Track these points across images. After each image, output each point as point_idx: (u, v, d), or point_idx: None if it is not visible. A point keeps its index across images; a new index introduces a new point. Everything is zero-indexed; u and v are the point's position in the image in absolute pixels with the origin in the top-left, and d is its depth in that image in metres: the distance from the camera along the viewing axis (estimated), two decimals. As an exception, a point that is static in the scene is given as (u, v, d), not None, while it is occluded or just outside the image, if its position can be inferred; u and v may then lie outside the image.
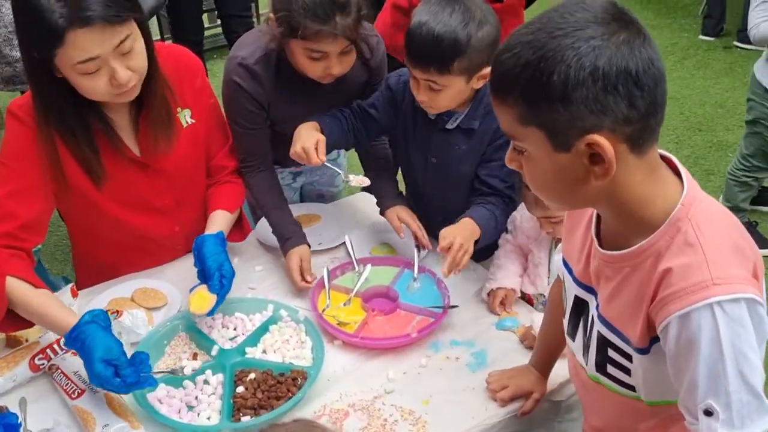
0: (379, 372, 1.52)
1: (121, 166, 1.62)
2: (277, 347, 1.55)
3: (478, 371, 1.51)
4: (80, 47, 1.34)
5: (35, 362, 1.50)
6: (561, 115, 0.87)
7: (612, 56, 0.85)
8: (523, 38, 0.89)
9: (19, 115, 1.52)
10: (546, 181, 0.96)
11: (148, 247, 1.79)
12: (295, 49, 1.66)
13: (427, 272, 1.76)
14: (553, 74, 0.85)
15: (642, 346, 1.00)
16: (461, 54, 1.53)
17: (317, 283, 1.72)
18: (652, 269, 0.96)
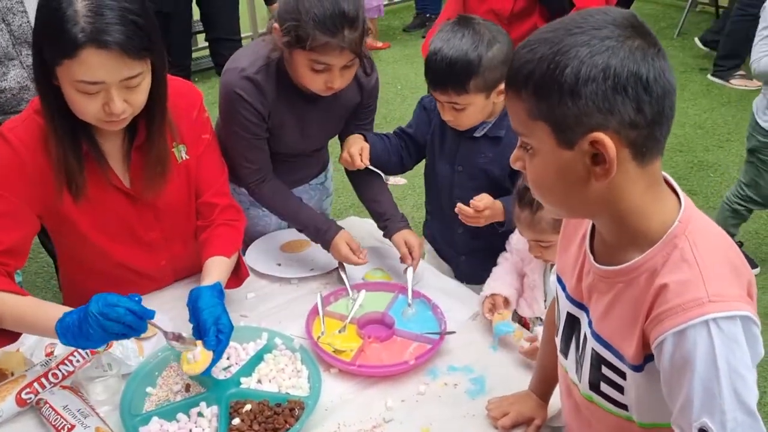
0: (377, 400, 1.49)
1: (106, 192, 1.58)
2: (272, 377, 1.52)
3: (478, 398, 1.49)
4: (89, 67, 1.33)
5: (22, 396, 1.45)
6: (569, 109, 0.88)
7: (625, 58, 0.87)
8: (542, 35, 0.91)
9: (8, 138, 1.49)
10: (547, 179, 0.97)
11: (132, 278, 1.75)
12: (298, 60, 1.68)
13: (422, 298, 1.75)
14: (567, 68, 0.87)
15: (636, 363, 0.99)
16: (475, 73, 1.67)
17: (311, 310, 1.70)
18: (647, 285, 0.96)
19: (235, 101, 1.76)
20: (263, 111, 1.79)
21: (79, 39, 1.30)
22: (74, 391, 1.48)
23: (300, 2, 1.61)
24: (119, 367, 1.52)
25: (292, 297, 1.83)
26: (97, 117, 1.41)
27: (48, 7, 1.34)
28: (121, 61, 1.34)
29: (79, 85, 1.36)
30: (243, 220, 1.79)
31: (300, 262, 1.95)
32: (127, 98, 1.40)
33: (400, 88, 5.01)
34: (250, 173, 1.86)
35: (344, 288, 1.79)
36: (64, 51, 1.32)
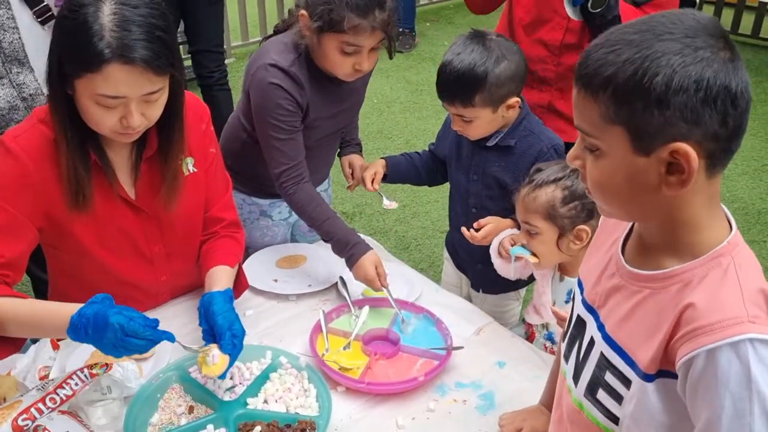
0: (387, 419, 1.47)
1: (111, 204, 1.54)
2: (279, 396, 1.48)
3: (488, 413, 1.48)
4: (112, 82, 1.31)
5: (18, 423, 1.38)
6: (654, 118, 0.86)
7: (718, 70, 0.85)
8: (626, 36, 0.88)
9: (11, 148, 1.44)
10: (614, 183, 0.94)
11: (131, 293, 1.70)
12: (328, 44, 1.73)
13: (425, 313, 1.73)
14: (657, 75, 0.84)
15: (649, 372, 0.97)
16: (481, 88, 1.72)
17: (313, 327, 1.67)
18: (678, 296, 0.94)
19: (274, 92, 1.79)
20: (302, 102, 1.82)
21: (105, 54, 1.28)
22: (73, 416, 1.42)
23: None
24: (120, 389, 1.46)
25: (291, 314, 1.80)
26: (112, 129, 1.39)
27: (72, 18, 1.31)
28: (145, 77, 1.32)
29: (99, 99, 1.33)
30: (243, 233, 1.80)
31: (297, 278, 1.92)
32: (144, 112, 1.39)
33: (377, 102, 5.01)
34: (288, 171, 1.84)
35: (345, 304, 1.76)
36: (87, 65, 1.30)
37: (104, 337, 1.29)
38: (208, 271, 1.65)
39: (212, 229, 1.74)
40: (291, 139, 1.83)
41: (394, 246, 3.47)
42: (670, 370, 0.94)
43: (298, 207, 1.86)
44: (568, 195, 1.53)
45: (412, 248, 3.50)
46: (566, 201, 1.53)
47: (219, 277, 1.61)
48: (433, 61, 5.85)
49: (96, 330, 1.30)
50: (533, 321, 1.72)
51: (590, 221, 1.55)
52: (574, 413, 1.13)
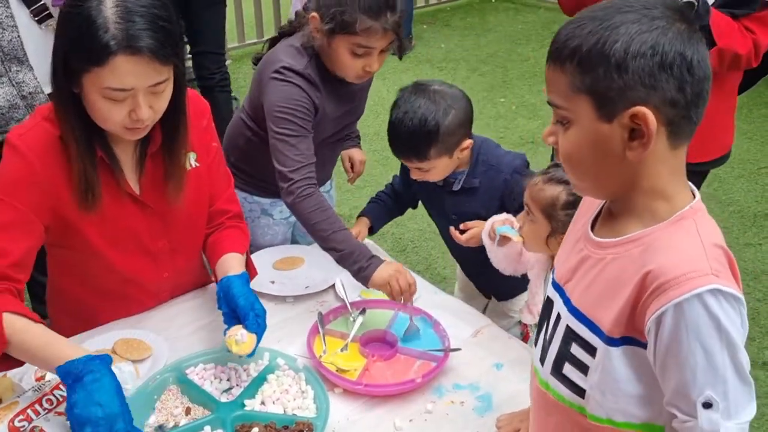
0: (385, 420, 1.47)
1: (118, 201, 1.54)
2: (276, 398, 1.48)
3: (486, 415, 1.48)
4: (120, 74, 1.31)
5: (15, 424, 1.38)
6: (614, 82, 0.91)
7: (673, 38, 0.90)
8: (592, 13, 0.94)
9: (17, 146, 1.43)
10: (581, 151, 0.98)
11: (133, 291, 1.71)
12: (339, 46, 1.75)
13: (423, 315, 1.73)
14: (616, 42, 0.90)
15: (613, 336, 0.98)
16: (434, 141, 1.76)
17: (311, 329, 1.67)
18: (639, 258, 0.96)
19: (292, 92, 1.80)
20: (318, 104, 1.84)
21: (111, 46, 1.28)
22: (70, 418, 1.41)
23: None
24: (117, 391, 1.46)
25: (288, 316, 1.79)
26: (121, 124, 1.39)
27: (74, 14, 1.32)
28: (152, 67, 1.33)
29: (107, 92, 1.33)
30: (246, 225, 1.83)
31: (294, 280, 1.92)
32: (152, 104, 1.39)
33: (373, 104, 4.97)
34: (301, 170, 1.77)
35: (343, 306, 1.76)
36: (94, 59, 1.30)
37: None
38: (218, 260, 1.66)
39: (217, 221, 1.75)
40: (306, 137, 1.82)
41: (391, 248, 3.47)
42: (637, 338, 0.96)
43: (306, 216, 1.76)
44: (571, 202, 1.53)
45: (408, 250, 3.50)
46: (566, 207, 1.53)
47: (231, 263, 1.63)
48: (430, 63, 5.86)
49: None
50: (527, 321, 1.73)
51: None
52: (540, 396, 1.14)
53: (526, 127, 4.67)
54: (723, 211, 3.71)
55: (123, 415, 1.26)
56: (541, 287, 1.71)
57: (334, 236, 1.73)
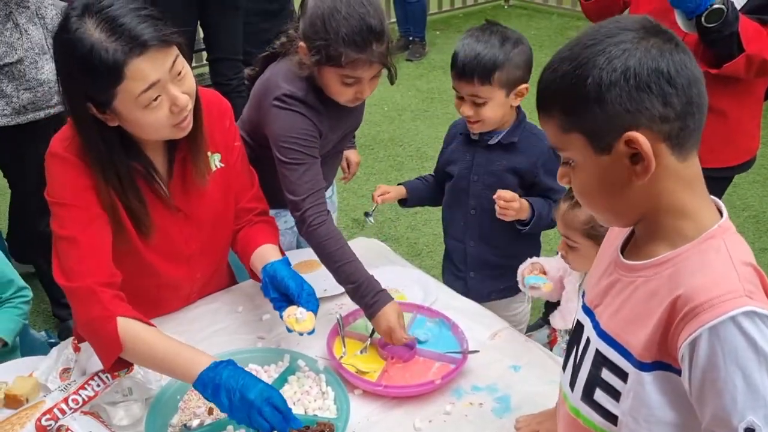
0: (405, 421, 1.48)
1: (161, 214, 1.58)
2: (297, 399, 1.50)
3: (504, 416, 1.49)
4: (141, 76, 1.33)
5: (42, 423, 1.41)
6: (598, 116, 0.92)
7: (641, 57, 0.90)
8: (561, 55, 0.96)
9: (66, 157, 1.46)
10: (591, 187, 0.99)
11: (166, 294, 1.74)
12: (328, 76, 1.74)
13: (441, 317, 1.75)
14: (588, 78, 0.91)
15: (644, 360, 0.96)
16: (500, 67, 1.80)
17: (330, 331, 1.69)
18: (669, 281, 0.94)
19: (299, 123, 1.77)
20: (322, 129, 1.83)
21: (119, 58, 1.31)
22: (96, 417, 1.45)
23: (327, 22, 1.65)
24: (141, 391, 1.49)
25: (308, 318, 1.81)
26: (168, 124, 1.41)
27: (69, 56, 1.34)
28: (161, 52, 1.35)
29: (141, 99, 1.35)
30: (273, 219, 1.85)
31: (313, 283, 1.91)
32: (182, 89, 1.41)
33: (387, 110, 5.03)
34: (312, 197, 1.75)
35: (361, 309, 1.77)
36: (114, 80, 1.32)
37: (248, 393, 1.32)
38: (253, 252, 1.68)
39: (245, 218, 1.76)
40: (314, 164, 1.80)
41: (406, 253, 3.48)
42: (669, 363, 0.94)
43: (319, 241, 1.74)
44: None
45: (423, 255, 3.51)
46: None
47: (269, 253, 1.67)
48: (443, 69, 5.87)
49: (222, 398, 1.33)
50: (558, 326, 1.74)
51: None
52: (569, 423, 1.12)
53: (539, 132, 4.68)
54: (738, 216, 3.70)
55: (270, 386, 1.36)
56: (576, 294, 1.71)
57: (343, 268, 1.71)
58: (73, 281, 1.43)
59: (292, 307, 1.54)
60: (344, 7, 1.66)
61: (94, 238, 1.46)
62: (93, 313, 1.42)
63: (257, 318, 1.81)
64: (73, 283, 1.43)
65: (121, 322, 1.40)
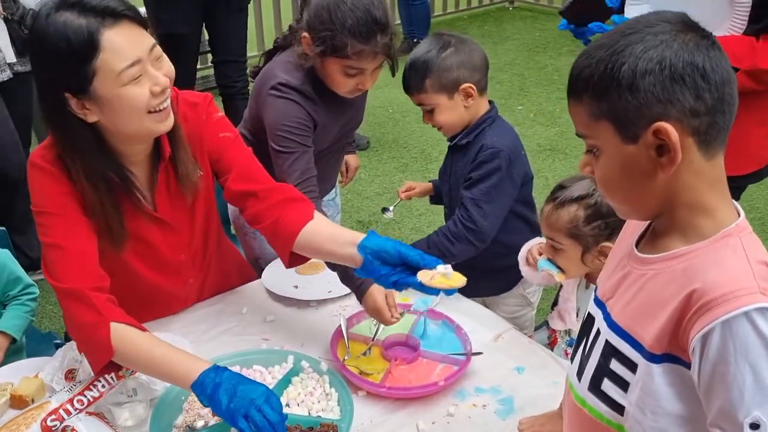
0: (408, 423, 1.48)
1: (138, 220, 1.57)
2: (301, 400, 1.51)
3: (508, 418, 1.49)
4: (119, 48, 1.33)
5: (47, 423, 1.42)
6: (629, 103, 0.92)
7: (678, 49, 0.90)
8: (599, 42, 0.96)
9: (43, 166, 1.46)
10: (614, 176, 0.99)
11: (161, 297, 1.75)
12: (331, 66, 1.78)
13: (444, 319, 1.75)
14: (624, 65, 0.91)
15: (654, 352, 0.97)
16: (429, 73, 1.86)
17: (334, 332, 1.69)
18: (683, 274, 0.95)
19: (292, 111, 1.83)
20: (317, 119, 1.87)
21: (93, 28, 1.31)
22: (101, 418, 1.45)
23: (333, 13, 1.71)
24: (145, 392, 1.50)
25: (312, 319, 1.82)
26: (149, 107, 1.38)
27: (43, 42, 1.33)
28: (137, 31, 1.36)
29: (123, 76, 1.34)
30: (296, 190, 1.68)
31: (317, 284, 1.94)
32: (161, 71, 1.40)
33: (392, 112, 5.04)
34: (300, 186, 1.79)
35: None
36: (90, 53, 1.31)
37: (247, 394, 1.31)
38: (298, 235, 1.53)
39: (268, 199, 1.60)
40: (305, 153, 1.85)
41: (411, 254, 3.49)
42: (679, 356, 0.95)
43: None
44: (592, 214, 1.54)
45: (427, 257, 3.51)
46: (590, 220, 1.54)
47: (333, 230, 1.56)
48: (448, 71, 5.88)
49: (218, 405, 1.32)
50: (557, 326, 1.74)
51: (613, 238, 1.56)
52: (575, 413, 1.13)
53: (544, 134, 4.68)
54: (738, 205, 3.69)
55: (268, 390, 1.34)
56: (573, 294, 1.72)
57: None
58: (62, 282, 1.44)
59: (425, 272, 1.38)
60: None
61: (78, 244, 1.46)
62: (86, 318, 1.41)
63: (262, 319, 1.81)
64: (63, 284, 1.44)
65: (115, 327, 1.40)
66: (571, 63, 1.00)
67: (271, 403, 1.31)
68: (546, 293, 3.06)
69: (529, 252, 1.78)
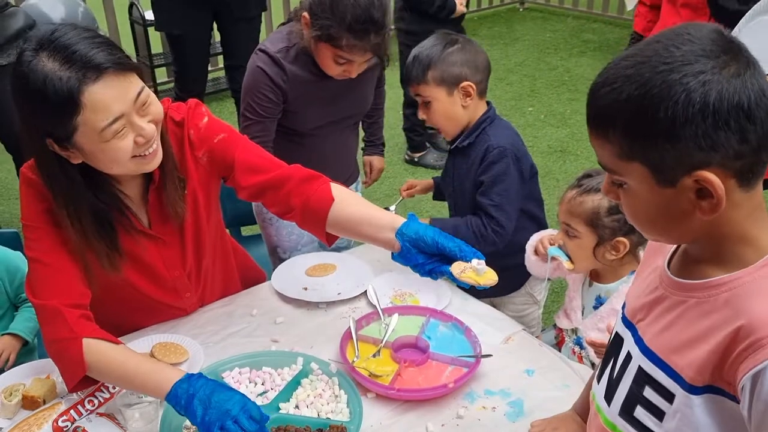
0: (417, 425, 1.48)
1: (132, 238, 1.57)
2: (310, 402, 1.51)
3: (518, 420, 1.49)
4: (101, 106, 1.28)
5: (59, 424, 1.43)
6: (667, 152, 0.84)
7: (723, 90, 0.81)
8: (624, 71, 0.86)
9: (31, 179, 1.44)
10: (647, 215, 0.93)
11: (160, 307, 1.75)
12: (323, 50, 1.89)
13: (454, 321, 1.75)
14: (659, 111, 0.82)
15: (696, 384, 0.92)
16: (432, 65, 1.91)
17: (344, 334, 1.69)
18: (727, 306, 0.90)
19: (257, 75, 1.97)
20: (284, 87, 1.97)
21: (73, 85, 1.25)
22: (111, 419, 1.46)
23: (335, 5, 1.80)
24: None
25: (321, 321, 1.82)
26: (133, 155, 1.37)
27: (24, 90, 1.28)
28: (120, 79, 1.30)
29: (105, 133, 1.30)
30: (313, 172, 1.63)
31: (327, 287, 1.94)
32: (148, 118, 1.36)
33: (402, 113, 5.04)
34: None
35: (375, 312, 1.78)
36: (70, 110, 1.27)
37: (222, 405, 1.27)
38: (328, 212, 1.53)
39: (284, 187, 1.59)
40: (261, 122, 1.99)
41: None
42: (723, 388, 0.91)
43: None
44: (615, 206, 1.54)
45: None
46: (611, 212, 1.54)
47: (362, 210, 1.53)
48: (458, 72, 5.88)
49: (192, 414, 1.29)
50: (563, 325, 1.74)
51: (631, 234, 1.55)
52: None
53: (554, 135, 4.67)
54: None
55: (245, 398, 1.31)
56: (578, 292, 1.71)
57: None
58: (40, 299, 1.43)
59: (459, 263, 1.37)
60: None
61: (61, 260, 1.45)
62: (58, 334, 1.41)
63: (271, 321, 1.81)
64: (40, 300, 1.43)
65: (87, 343, 1.39)
66: (581, 64, 0.96)
67: (249, 411, 1.27)
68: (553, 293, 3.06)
69: (540, 241, 1.78)
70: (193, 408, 1.28)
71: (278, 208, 1.63)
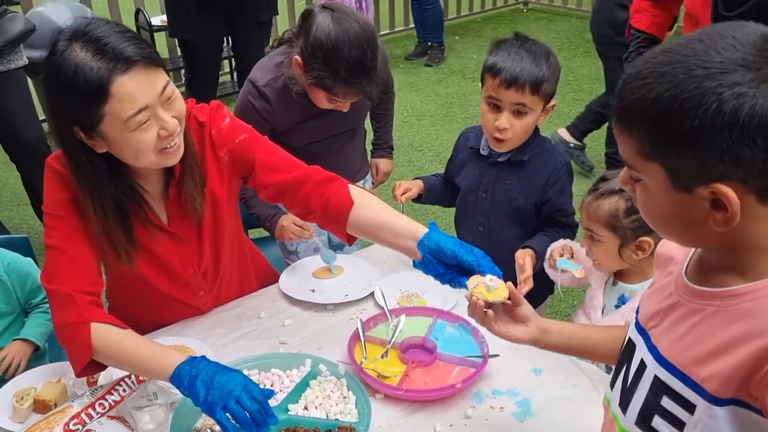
0: (426, 425, 1.49)
1: (150, 233, 1.59)
2: (318, 403, 1.52)
3: (525, 420, 1.49)
4: (127, 97, 1.33)
5: (70, 427, 1.44)
6: (689, 159, 0.81)
7: (757, 106, 0.77)
8: (658, 68, 0.83)
9: (58, 169, 1.49)
10: (660, 215, 0.91)
11: (174, 305, 1.77)
12: (316, 92, 1.95)
13: (461, 321, 1.75)
14: (687, 117, 0.79)
15: (720, 396, 0.89)
16: (547, 78, 1.81)
17: (351, 335, 1.70)
18: (751, 318, 0.86)
19: (245, 106, 2.08)
20: (269, 119, 2.05)
21: (103, 75, 1.30)
22: (122, 422, 1.47)
23: (328, 58, 1.83)
24: (166, 395, 1.51)
25: (328, 323, 1.83)
26: (156, 148, 1.41)
27: (55, 78, 1.33)
28: (149, 74, 1.35)
29: (129, 124, 1.35)
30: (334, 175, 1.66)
31: (334, 288, 1.95)
32: (172, 113, 1.41)
33: (407, 116, 5.05)
34: None
35: (382, 313, 1.79)
36: (99, 99, 1.32)
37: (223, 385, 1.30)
38: (348, 215, 1.55)
39: (303, 188, 1.62)
40: None
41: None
42: (749, 402, 0.88)
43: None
44: (632, 206, 1.53)
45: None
46: (629, 213, 1.54)
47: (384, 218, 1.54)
48: (462, 74, 5.89)
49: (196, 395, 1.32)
50: (582, 322, 1.74)
51: (653, 234, 1.55)
52: None
53: (559, 135, 4.66)
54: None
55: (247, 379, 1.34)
56: (600, 290, 1.71)
57: (249, 203, 2.17)
58: (53, 285, 1.47)
59: (476, 277, 1.37)
60: (347, 48, 1.82)
61: (78, 247, 1.48)
62: (68, 319, 1.44)
63: (279, 323, 1.83)
64: (53, 286, 1.47)
65: (95, 327, 1.42)
66: (585, 64, 0.96)
67: (250, 391, 1.30)
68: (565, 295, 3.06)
69: (550, 254, 1.79)
70: (195, 389, 1.31)
71: (299, 209, 1.67)
